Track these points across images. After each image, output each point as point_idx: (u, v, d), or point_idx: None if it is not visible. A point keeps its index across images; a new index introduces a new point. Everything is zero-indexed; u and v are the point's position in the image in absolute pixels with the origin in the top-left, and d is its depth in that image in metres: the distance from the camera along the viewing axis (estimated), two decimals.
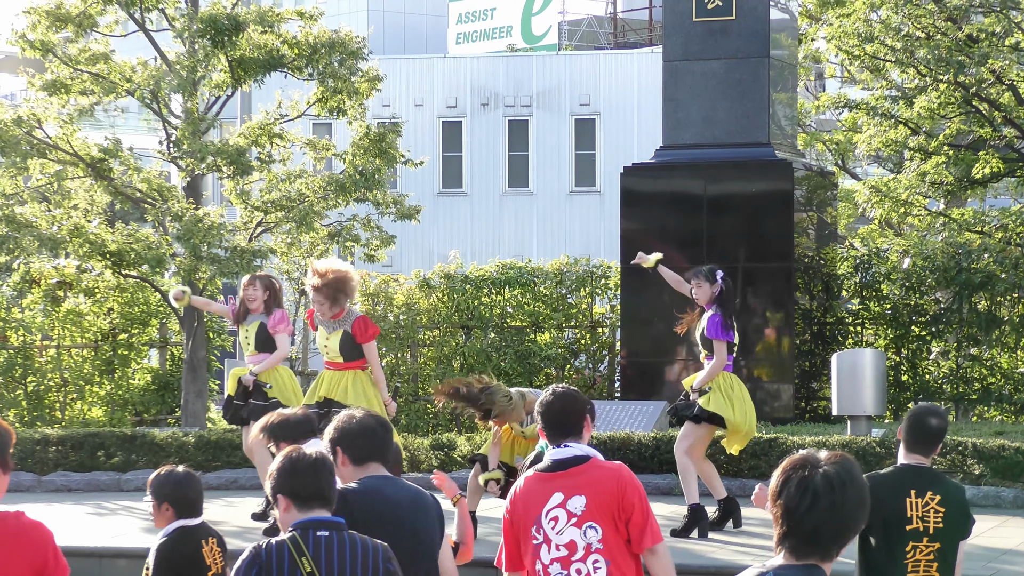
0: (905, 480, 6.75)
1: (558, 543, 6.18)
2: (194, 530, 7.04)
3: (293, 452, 5.30)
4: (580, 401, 6.39)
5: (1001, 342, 17.97)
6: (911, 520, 6.68)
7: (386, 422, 6.17)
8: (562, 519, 6.17)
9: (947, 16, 21.14)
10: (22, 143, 19.53)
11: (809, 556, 4.03)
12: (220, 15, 19.67)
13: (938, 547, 6.67)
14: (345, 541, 5.18)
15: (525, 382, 18.88)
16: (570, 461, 6.23)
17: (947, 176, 22.38)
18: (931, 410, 6.95)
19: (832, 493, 3.98)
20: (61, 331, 19.79)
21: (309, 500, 5.21)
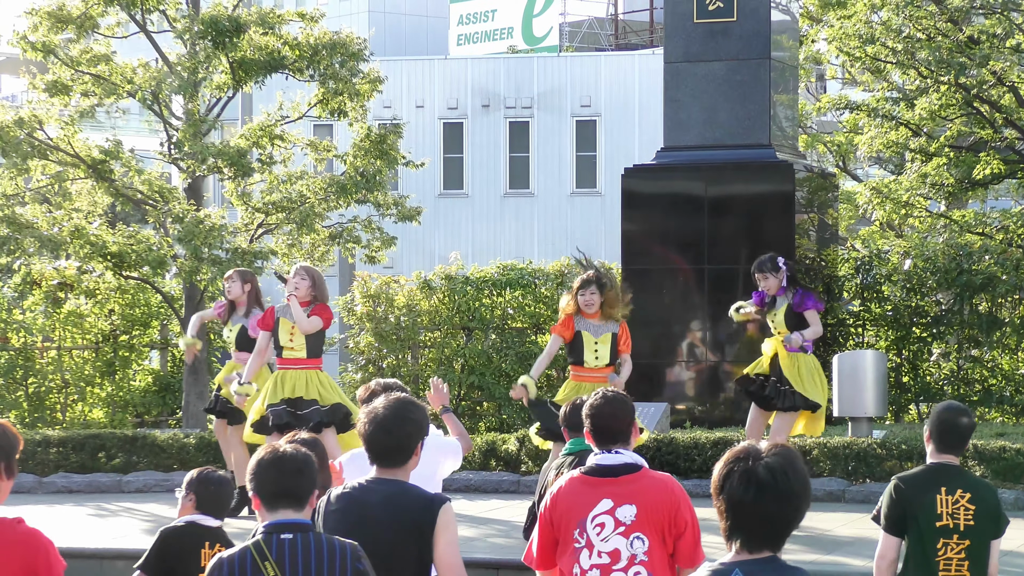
0: (936, 478, 6.82)
1: (601, 550, 6.09)
2: (204, 530, 7.01)
3: (267, 449, 5.22)
4: (630, 407, 6.35)
5: (1002, 344, 17.96)
6: (941, 517, 6.75)
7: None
8: (608, 526, 6.08)
9: (948, 18, 21.13)
10: (23, 144, 19.54)
11: (762, 548, 4.02)
12: (221, 16, 19.68)
13: (968, 545, 6.72)
14: (311, 542, 5.06)
15: None
16: (621, 468, 6.16)
17: (948, 178, 22.37)
18: (960, 409, 6.99)
19: (776, 484, 3.98)
20: (62, 332, 19.80)
21: (273, 499, 5.12)
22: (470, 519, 12.96)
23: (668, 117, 18.05)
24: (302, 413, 12.46)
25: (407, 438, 5.86)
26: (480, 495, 14.54)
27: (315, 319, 12.42)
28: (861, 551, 11.57)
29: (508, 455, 15.63)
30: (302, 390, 12.47)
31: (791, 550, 11.76)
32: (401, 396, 5.99)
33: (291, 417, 12.40)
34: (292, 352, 12.45)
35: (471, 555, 11.08)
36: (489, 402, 19.02)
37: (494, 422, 18.76)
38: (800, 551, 11.79)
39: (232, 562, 5.06)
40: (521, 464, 15.55)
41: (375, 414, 5.84)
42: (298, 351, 12.46)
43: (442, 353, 19.18)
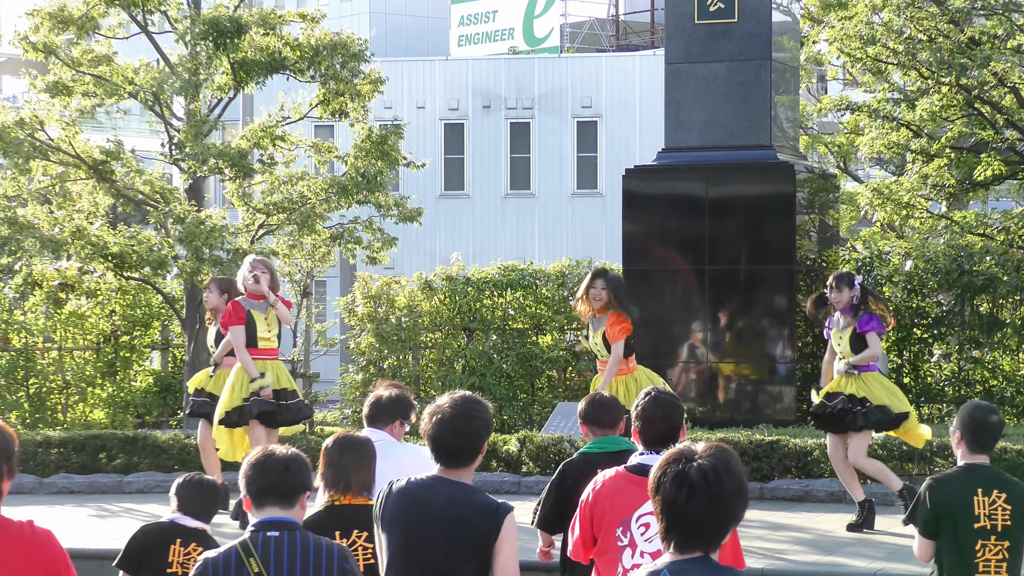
0: (971, 479, 6.81)
1: (644, 550, 6.09)
2: (181, 529, 7.24)
3: (257, 449, 5.26)
4: (680, 409, 6.33)
5: (1003, 345, 17.96)
6: (979, 519, 6.73)
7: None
8: (654, 527, 6.03)
9: (949, 19, 21.13)
10: (24, 145, 19.54)
11: (693, 549, 4.05)
12: (222, 17, 19.69)
13: (1007, 545, 6.72)
14: (296, 541, 5.07)
15: (527, 384, 18.88)
16: None
17: (949, 179, 22.37)
18: (989, 408, 6.98)
19: (708, 486, 4.00)
20: (63, 333, 19.80)
21: (260, 496, 5.14)
22: None
23: (669, 118, 18.05)
24: (290, 404, 12.55)
25: (475, 437, 5.77)
26: None
27: (286, 308, 12.76)
28: (863, 552, 11.57)
29: (509, 456, 15.63)
30: (286, 381, 12.60)
31: (794, 551, 11.77)
32: (466, 394, 5.87)
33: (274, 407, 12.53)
34: (269, 343, 12.61)
35: None
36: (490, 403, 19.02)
37: (495, 423, 18.76)
38: (801, 552, 11.79)
39: (217, 560, 5.09)
40: (522, 465, 15.55)
41: (441, 413, 5.71)
42: (273, 342, 12.62)
43: (443, 354, 19.18)
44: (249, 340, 12.63)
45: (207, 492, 7.43)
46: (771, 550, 11.82)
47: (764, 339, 17.41)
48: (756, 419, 16.86)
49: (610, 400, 7.35)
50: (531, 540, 12.07)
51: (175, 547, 7.30)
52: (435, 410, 5.74)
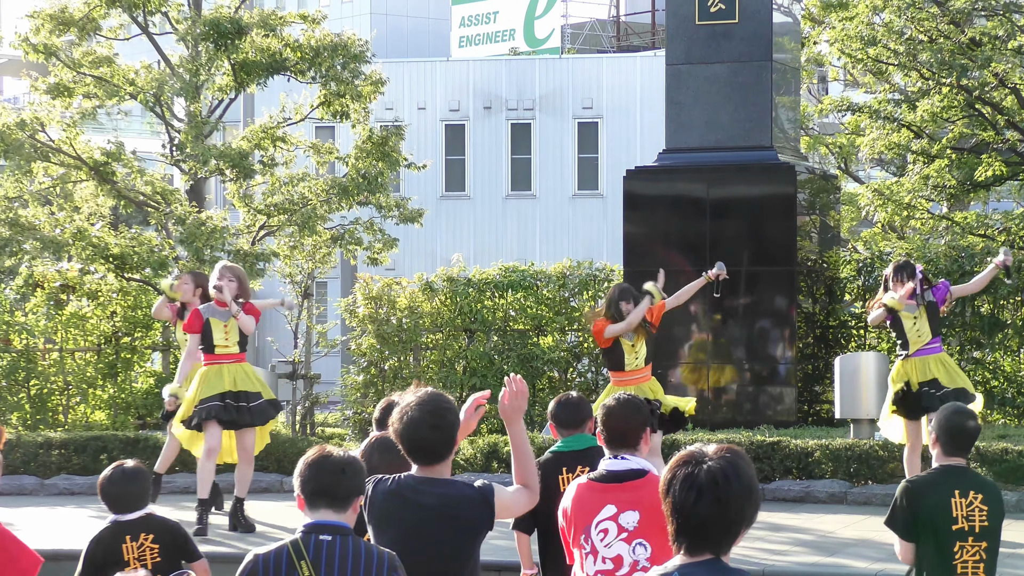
0: (948, 481, 6.80)
1: (605, 556, 6.11)
2: (124, 525, 7.37)
3: (314, 449, 5.20)
4: (642, 413, 6.33)
5: (1004, 345, 17.95)
6: (957, 520, 6.74)
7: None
8: (612, 532, 6.09)
9: (950, 19, 21.13)
10: (25, 146, 19.55)
11: (702, 552, 4.03)
12: (223, 19, 19.69)
13: (984, 546, 6.73)
14: (348, 547, 5.05)
15: (528, 385, 18.86)
16: (626, 474, 6.16)
17: (950, 179, 22.37)
18: (965, 412, 6.98)
19: (717, 488, 3.99)
20: (64, 334, 19.79)
21: (313, 497, 5.11)
22: None
23: (670, 119, 18.05)
24: (252, 406, 12.57)
25: (451, 430, 5.80)
26: None
27: (251, 318, 12.74)
28: (864, 553, 11.56)
29: (510, 457, 15.62)
30: (244, 383, 12.61)
31: (795, 552, 11.77)
32: (431, 391, 5.87)
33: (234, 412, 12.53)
34: (226, 348, 12.64)
35: None
36: (491, 404, 19.03)
37: (496, 424, 18.76)
38: (803, 553, 11.79)
39: (268, 560, 5.06)
40: None
41: (411, 413, 5.72)
42: (232, 347, 12.63)
43: (444, 355, 19.18)
44: (207, 347, 12.72)
45: (130, 482, 7.45)
46: (772, 551, 11.81)
47: (765, 340, 17.41)
48: (757, 420, 16.86)
49: (576, 400, 7.38)
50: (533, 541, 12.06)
51: (127, 545, 7.38)
52: (404, 410, 5.75)
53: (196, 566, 7.70)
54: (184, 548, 7.64)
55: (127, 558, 7.40)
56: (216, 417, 12.55)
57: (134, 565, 7.40)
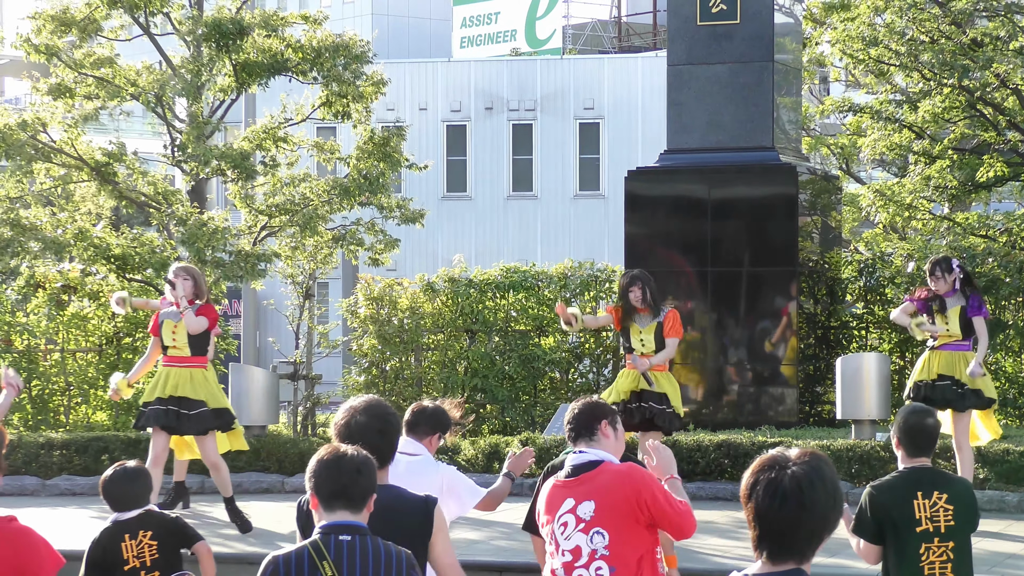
0: (911, 483, 6.75)
1: (565, 548, 6.17)
2: (123, 524, 7.55)
3: (328, 448, 5.19)
4: (598, 407, 6.41)
5: (1005, 346, 17.95)
6: (920, 522, 6.68)
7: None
8: (571, 525, 6.16)
9: (951, 20, 21.12)
10: (27, 147, 19.55)
11: (786, 559, 3.98)
12: (224, 19, 19.70)
13: (952, 546, 6.67)
14: (368, 546, 5.06)
15: (529, 386, 18.88)
16: (582, 467, 6.25)
17: (951, 180, 22.36)
18: (924, 411, 6.95)
19: (801, 494, 3.91)
20: (65, 335, 19.79)
21: (329, 499, 5.10)
22: (473, 522, 12.96)
23: (671, 120, 18.05)
24: (191, 414, 12.53)
25: (395, 435, 5.92)
26: None
27: (201, 319, 12.57)
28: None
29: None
30: (186, 388, 12.52)
31: None
32: (373, 397, 6.01)
33: (172, 417, 12.50)
34: (176, 351, 12.58)
35: (475, 557, 11.09)
36: (492, 405, 19.02)
37: (497, 424, 18.77)
38: None
39: (289, 560, 5.06)
40: None
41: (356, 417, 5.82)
42: (181, 349, 12.56)
43: (445, 356, 19.18)
44: (163, 348, 12.73)
45: (132, 482, 7.65)
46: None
47: (766, 341, 17.41)
48: (759, 421, 16.85)
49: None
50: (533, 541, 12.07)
51: (126, 544, 7.53)
52: (349, 415, 5.84)
53: (197, 548, 7.80)
54: (182, 535, 7.74)
55: (127, 556, 7.52)
56: (157, 422, 12.55)
57: (133, 563, 7.52)
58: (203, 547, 7.84)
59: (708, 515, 13.50)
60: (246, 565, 10.73)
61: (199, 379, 12.59)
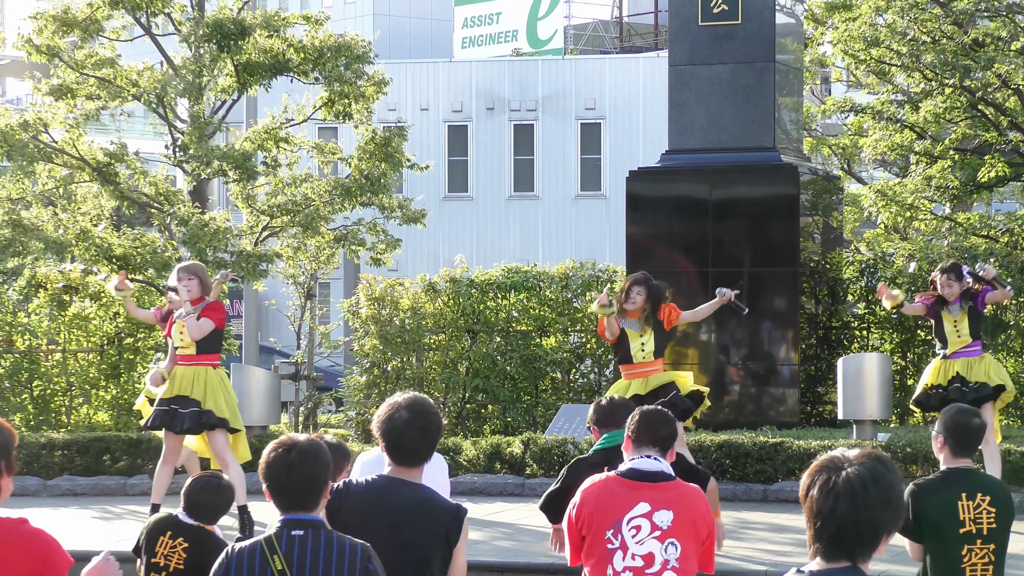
0: (954, 484, 6.77)
1: (636, 552, 6.14)
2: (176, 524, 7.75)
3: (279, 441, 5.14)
4: (672, 425, 6.49)
5: (1007, 346, 17.95)
6: (964, 523, 6.70)
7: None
8: (644, 529, 6.14)
9: (953, 20, 21.11)
10: (28, 147, 19.55)
11: (839, 558, 4.01)
12: (226, 20, 19.69)
13: (993, 548, 6.70)
14: (321, 540, 5.03)
15: (531, 386, 18.87)
16: (659, 475, 6.25)
17: (953, 180, 22.36)
18: (969, 411, 6.97)
19: (853, 495, 3.93)
20: (67, 335, 19.80)
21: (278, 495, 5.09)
22: (475, 522, 12.96)
23: (673, 120, 18.05)
24: (182, 412, 12.51)
25: (436, 436, 5.84)
26: (485, 498, 14.54)
27: (205, 322, 12.50)
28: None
29: (513, 458, 15.63)
30: (188, 388, 12.50)
31: (798, 553, 11.75)
32: (419, 395, 5.92)
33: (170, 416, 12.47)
34: (184, 350, 12.57)
35: (476, 558, 11.09)
36: (494, 405, 19.03)
37: (499, 425, 18.77)
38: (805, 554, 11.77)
39: (241, 554, 5.08)
40: (526, 467, 15.55)
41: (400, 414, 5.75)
42: (188, 348, 12.55)
43: (447, 356, 19.18)
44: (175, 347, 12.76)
45: (208, 495, 7.72)
46: (775, 552, 11.81)
47: (768, 341, 17.41)
48: (760, 421, 16.85)
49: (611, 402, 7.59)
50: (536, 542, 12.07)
51: (164, 539, 7.69)
52: (392, 410, 5.78)
53: None
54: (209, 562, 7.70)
55: (157, 550, 7.71)
56: (161, 425, 12.55)
57: (159, 561, 7.70)
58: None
59: None
60: None
61: (202, 378, 12.56)
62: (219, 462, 12.69)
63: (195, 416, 12.46)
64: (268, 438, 16.33)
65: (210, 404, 12.53)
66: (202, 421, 12.48)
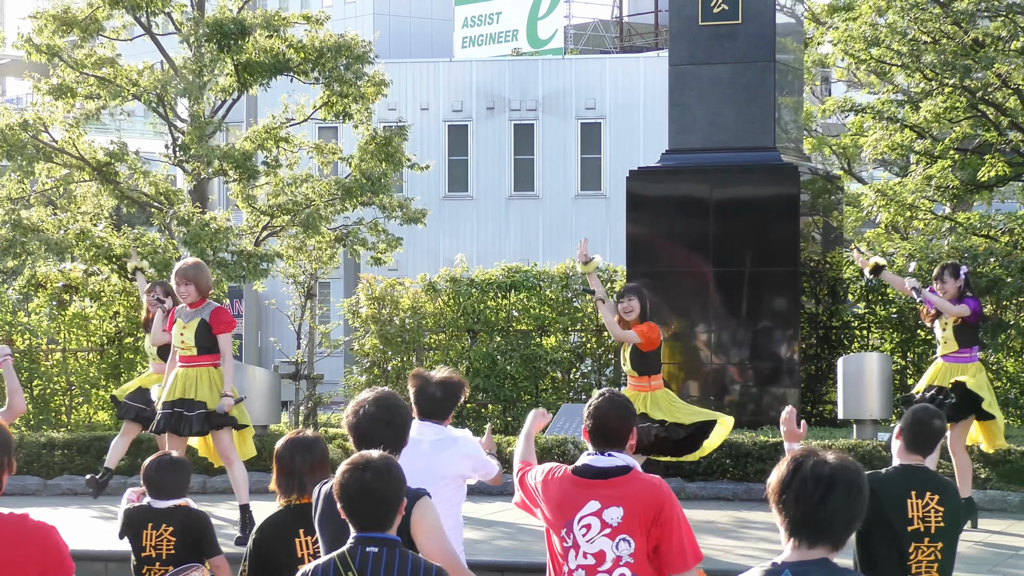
0: (906, 481, 6.78)
1: (587, 551, 6.11)
2: (151, 512, 7.91)
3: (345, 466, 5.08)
4: (631, 412, 6.31)
5: (1007, 346, 17.95)
6: (912, 521, 6.71)
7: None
8: (595, 528, 6.10)
9: (953, 20, 21.11)
10: (28, 147, 19.55)
11: (820, 545, 4.07)
12: (226, 19, 19.70)
13: (940, 547, 6.70)
14: (395, 558, 5.03)
15: (531, 386, 18.88)
16: (612, 471, 6.15)
17: (953, 180, 22.36)
18: (933, 412, 6.99)
19: (848, 479, 4.06)
20: (67, 335, 19.80)
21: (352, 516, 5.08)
22: (475, 521, 12.97)
23: (673, 120, 18.05)
24: (189, 415, 12.48)
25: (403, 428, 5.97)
26: (485, 497, 14.54)
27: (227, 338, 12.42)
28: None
29: (511, 457, 15.62)
30: (192, 390, 12.45)
31: None
32: (386, 390, 6.03)
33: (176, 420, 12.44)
34: (184, 351, 12.49)
35: (477, 557, 11.08)
36: (494, 404, 19.03)
37: (499, 424, 18.76)
38: None
39: (317, 571, 5.08)
40: None
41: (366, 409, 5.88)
42: (188, 349, 12.47)
43: (447, 356, 19.18)
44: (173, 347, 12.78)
45: (171, 471, 7.97)
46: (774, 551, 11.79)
47: (768, 341, 17.40)
48: (760, 421, 16.85)
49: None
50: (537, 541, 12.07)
51: (147, 531, 7.84)
52: (359, 406, 5.92)
53: (213, 561, 7.85)
54: (200, 543, 7.82)
55: (144, 543, 7.84)
56: (166, 428, 12.52)
57: (150, 552, 7.83)
58: (220, 561, 7.89)
59: (710, 515, 13.51)
60: None
61: (204, 379, 12.51)
62: (223, 461, 12.68)
63: (202, 418, 12.42)
64: (268, 437, 16.32)
65: (216, 403, 12.51)
66: (212, 422, 12.46)
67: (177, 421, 12.44)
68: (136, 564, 7.94)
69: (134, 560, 7.99)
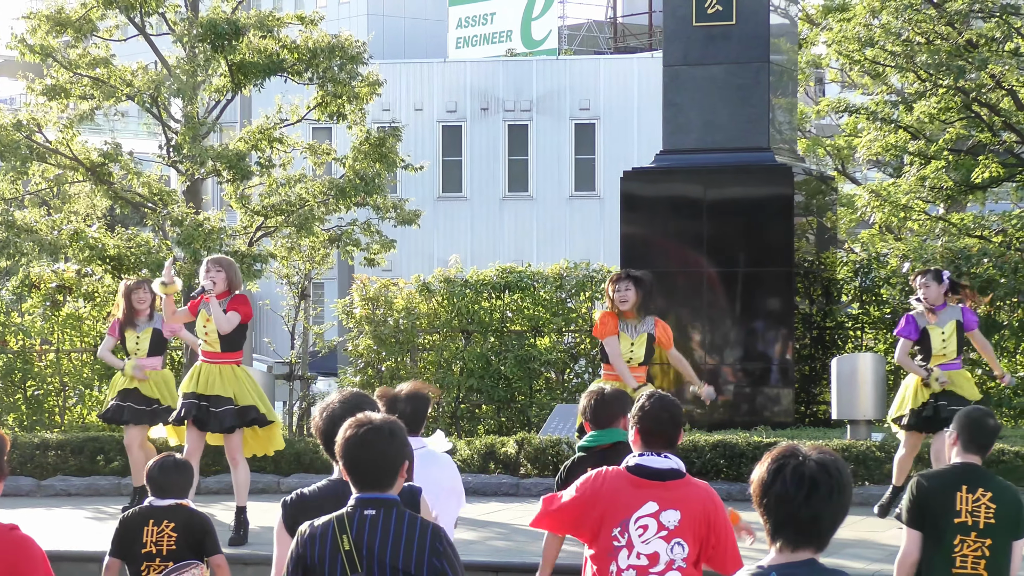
0: (958, 476, 6.89)
1: (641, 551, 6.13)
2: (155, 510, 7.94)
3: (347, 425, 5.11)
4: (681, 413, 6.37)
5: (1000, 347, 17.96)
6: (959, 514, 6.80)
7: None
8: (652, 529, 6.12)
9: (947, 21, 21.13)
10: (22, 147, 19.53)
11: (806, 547, 4.04)
12: (220, 20, 19.68)
13: (988, 543, 6.74)
14: (392, 519, 5.03)
15: (525, 386, 18.88)
16: (669, 473, 6.19)
17: (947, 181, 22.38)
18: (987, 412, 7.12)
19: (830, 479, 4.02)
20: (61, 335, 19.78)
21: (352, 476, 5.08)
22: (470, 522, 12.96)
23: (667, 120, 18.05)
24: (216, 411, 12.43)
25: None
26: (479, 498, 14.53)
27: (232, 315, 12.31)
28: (862, 553, 11.57)
29: (507, 458, 15.62)
30: (217, 387, 12.38)
31: None
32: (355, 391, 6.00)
33: (203, 413, 12.39)
34: (207, 346, 12.42)
35: (471, 558, 11.08)
36: (488, 405, 19.03)
37: (493, 425, 18.77)
38: None
39: (315, 531, 5.10)
40: (520, 467, 15.54)
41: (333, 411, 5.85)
42: (212, 345, 12.40)
43: (441, 356, 19.17)
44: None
45: (174, 472, 8.03)
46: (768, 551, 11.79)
47: (762, 341, 17.41)
48: (754, 421, 16.86)
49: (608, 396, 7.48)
50: (531, 542, 12.07)
51: (148, 527, 7.87)
52: (325, 409, 5.91)
53: (213, 560, 7.89)
54: (201, 543, 7.87)
55: (145, 540, 7.86)
56: (189, 416, 12.46)
57: (151, 548, 7.85)
58: (219, 560, 7.95)
59: None
60: (240, 565, 10.71)
61: (228, 376, 12.45)
62: (230, 460, 12.66)
63: (233, 414, 12.39)
64: None
65: (248, 401, 12.46)
66: (248, 418, 12.43)
67: (205, 415, 12.38)
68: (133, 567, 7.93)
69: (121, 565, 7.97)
